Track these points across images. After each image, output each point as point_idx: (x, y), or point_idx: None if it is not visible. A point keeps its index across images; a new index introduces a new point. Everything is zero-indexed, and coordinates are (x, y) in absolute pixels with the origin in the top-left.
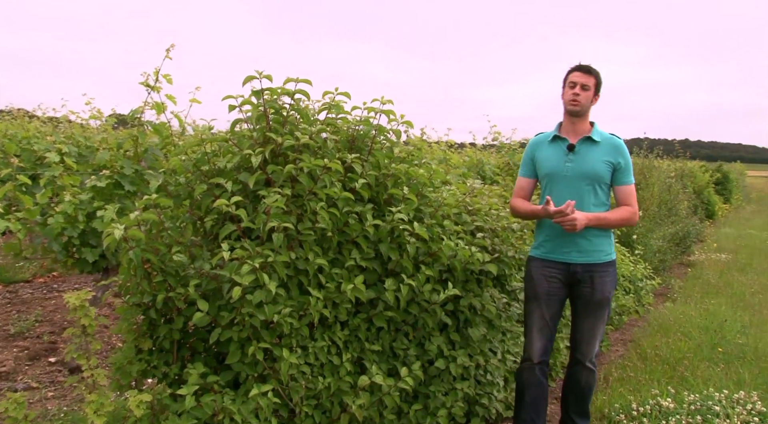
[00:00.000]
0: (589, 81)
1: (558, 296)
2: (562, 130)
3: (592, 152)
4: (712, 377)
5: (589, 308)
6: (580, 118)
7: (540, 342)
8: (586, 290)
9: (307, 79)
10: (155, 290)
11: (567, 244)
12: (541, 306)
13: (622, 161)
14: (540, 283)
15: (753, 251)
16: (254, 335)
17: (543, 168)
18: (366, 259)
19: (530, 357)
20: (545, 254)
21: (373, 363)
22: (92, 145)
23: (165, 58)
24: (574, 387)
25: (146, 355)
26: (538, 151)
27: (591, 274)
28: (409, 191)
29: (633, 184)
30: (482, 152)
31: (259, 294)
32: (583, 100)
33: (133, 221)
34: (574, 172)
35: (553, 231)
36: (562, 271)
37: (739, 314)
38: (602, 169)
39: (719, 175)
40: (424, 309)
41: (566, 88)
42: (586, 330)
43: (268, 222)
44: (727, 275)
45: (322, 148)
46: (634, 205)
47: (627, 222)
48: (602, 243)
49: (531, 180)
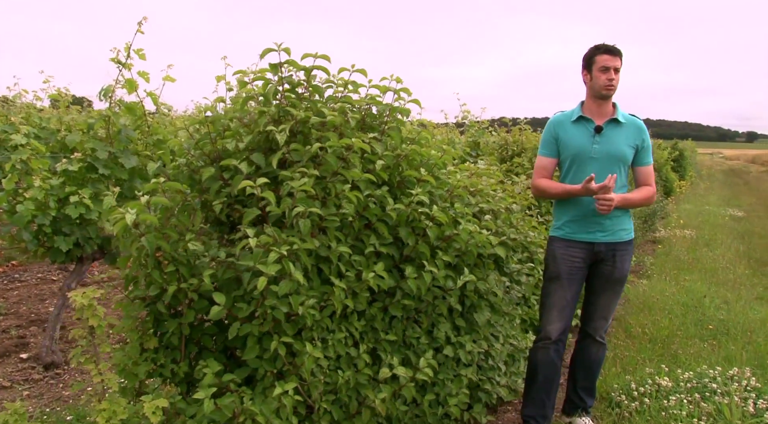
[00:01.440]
0: (618, 63)
1: (579, 276)
2: (586, 110)
3: (618, 134)
4: (702, 354)
5: (608, 285)
6: (606, 101)
7: (560, 323)
8: (608, 268)
9: (326, 55)
10: (167, 282)
11: (591, 224)
12: (563, 286)
13: (644, 142)
14: (563, 263)
15: (714, 227)
16: (275, 328)
17: (569, 149)
18: (384, 245)
19: (549, 336)
20: (569, 235)
21: (387, 354)
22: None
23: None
24: (583, 361)
25: (152, 353)
26: (562, 132)
27: (614, 252)
28: (426, 173)
29: (652, 165)
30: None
31: (284, 285)
32: (617, 83)
33: (143, 206)
34: (602, 154)
35: (578, 211)
36: (587, 250)
37: (714, 289)
38: (628, 151)
39: (676, 152)
40: (437, 296)
41: (596, 73)
42: (601, 306)
43: (294, 207)
44: (695, 251)
45: (342, 126)
46: (653, 185)
47: (648, 201)
48: (624, 221)
49: (553, 160)
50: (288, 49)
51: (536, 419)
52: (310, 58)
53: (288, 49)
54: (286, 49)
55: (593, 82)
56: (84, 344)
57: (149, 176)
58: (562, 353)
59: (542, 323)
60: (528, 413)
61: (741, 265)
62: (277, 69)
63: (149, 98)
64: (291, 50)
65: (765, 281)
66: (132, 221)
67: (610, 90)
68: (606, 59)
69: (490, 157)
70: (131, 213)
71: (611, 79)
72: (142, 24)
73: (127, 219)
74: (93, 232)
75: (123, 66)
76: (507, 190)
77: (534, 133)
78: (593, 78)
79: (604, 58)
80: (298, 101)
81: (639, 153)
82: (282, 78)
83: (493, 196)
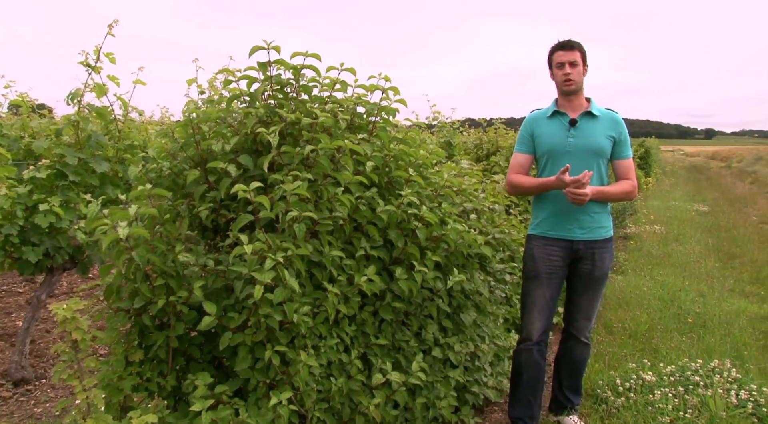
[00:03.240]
0: (574, 56)
1: (559, 274)
2: (560, 106)
3: (593, 127)
4: (682, 347)
5: (588, 284)
6: (576, 95)
7: (540, 322)
8: (587, 267)
9: (317, 53)
10: (156, 295)
11: (569, 220)
12: (542, 285)
13: (622, 135)
14: (542, 262)
15: (682, 222)
16: (269, 337)
17: (544, 144)
18: (374, 247)
19: (530, 337)
20: (547, 232)
21: (378, 358)
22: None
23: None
24: (568, 362)
25: (137, 367)
26: (537, 128)
27: (593, 250)
28: (415, 173)
29: (631, 158)
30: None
31: (279, 293)
32: (576, 77)
33: (132, 216)
34: (577, 148)
35: (555, 207)
36: (565, 248)
37: (687, 283)
38: (605, 143)
39: (643, 150)
40: (427, 297)
41: (555, 70)
42: (583, 306)
43: (288, 211)
44: (665, 246)
45: (334, 127)
46: (634, 179)
47: (627, 196)
48: (603, 219)
49: (529, 156)
50: (278, 48)
51: (524, 420)
52: (300, 57)
53: (278, 47)
54: (275, 48)
55: (555, 80)
56: (67, 359)
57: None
58: (545, 353)
59: (523, 323)
60: (516, 415)
61: (711, 258)
62: (265, 68)
63: (119, 102)
64: (281, 49)
65: (735, 273)
66: (125, 234)
67: (569, 85)
68: (560, 55)
69: (466, 157)
70: (122, 226)
71: (567, 74)
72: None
73: (120, 233)
74: (64, 241)
75: (92, 69)
76: (487, 190)
77: (510, 133)
78: (554, 75)
79: (558, 55)
80: (285, 102)
81: (616, 146)
82: (270, 77)
83: (477, 196)
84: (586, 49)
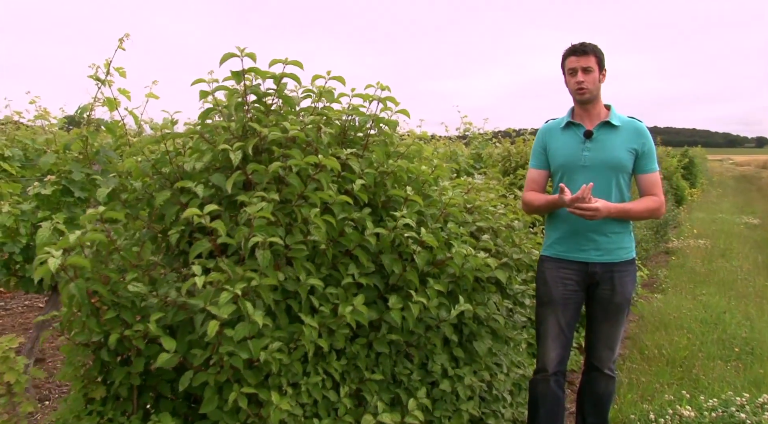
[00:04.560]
0: (588, 62)
1: (574, 300)
2: (575, 116)
3: (612, 139)
4: (726, 377)
5: (609, 311)
6: (592, 104)
7: (555, 351)
8: (606, 292)
9: (297, 60)
10: (108, 328)
11: (584, 241)
12: (556, 312)
13: (645, 147)
14: (555, 286)
15: (729, 236)
16: (235, 377)
17: (557, 158)
18: (365, 274)
19: (545, 367)
20: (560, 254)
21: (374, 395)
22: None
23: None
24: (591, 396)
25: (98, 405)
26: (551, 140)
27: (611, 274)
28: (413, 192)
29: (658, 172)
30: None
31: (241, 329)
32: (590, 84)
33: (75, 243)
34: (594, 162)
35: (569, 227)
36: (580, 272)
37: (733, 303)
38: (625, 157)
39: (686, 160)
40: (429, 327)
41: (567, 77)
42: (604, 335)
43: (252, 236)
44: (710, 262)
45: (315, 142)
46: (660, 195)
47: (652, 214)
48: (622, 239)
49: (543, 172)
50: (253, 55)
51: None
52: (279, 65)
53: (253, 54)
54: (250, 55)
55: (568, 87)
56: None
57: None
58: (564, 383)
59: (538, 353)
60: None
61: (761, 276)
62: (240, 77)
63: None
64: (257, 56)
65: None
66: (56, 266)
67: (582, 93)
68: (572, 61)
69: (493, 170)
70: (56, 256)
71: (580, 82)
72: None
73: (50, 265)
74: None
75: (102, 83)
76: (509, 206)
77: None
78: (567, 82)
79: (570, 61)
80: (263, 116)
81: (639, 159)
82: (247, 87)
83: (493, 213)
84: (629, 59)
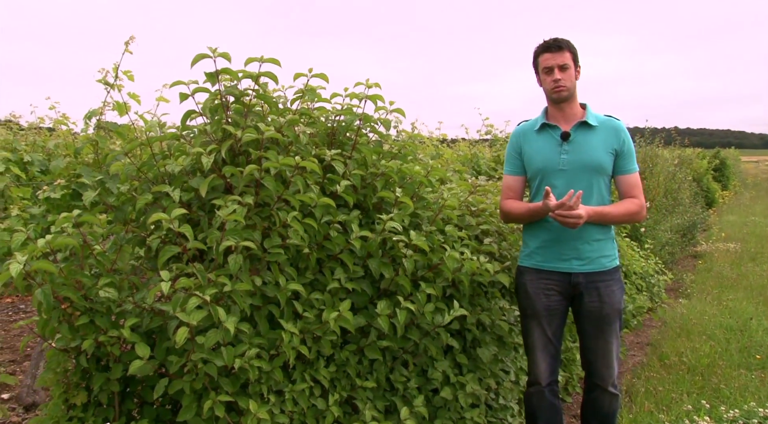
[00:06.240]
0: (564, 58)
1: (560, 309)
2: (550, 117)
3: (590, 139)
4: (749, 388)
5: (599, 324)
6: (568, 103)
7: (545, 362)
8: (593, 304)
9: (275, 58)
10: (82, 335)
11: (566, 250)
12: (541, 323)
13: (625, 146)
14: (537, 298)
15: (761, 239)
16: (212, 384)
17: (534, 163)
18: (353, 279)
19: (538, 380)
20: (540, 264)
21: (366, 402)
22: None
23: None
24: (596, 414)
25: (79, 411)
26: (526, 144)
27: (596, 284)
28: (402, 193)
29: (638, 173)
30: (476, 146)
31: (213, 335)
32: (567, 82)
33: (43, 248)
34: (572, 165)
35: (548, 235)
36: (562, 282)
37: (762, 310)
38: (604, 158)
39: (717, 161)
40: (425, 333)
41: (542, 76)
42: (600, 352)
43: (223, 240)
44: (739, 266)
45: (294, 143)
46: (641, 197)
47: (633, 218)
48: (605, 247)
49: (520, 177)
50: (227, 55)
51: None
52: (255, 64)
53: (227, 54)
54: (224, 55)
55: (543, 87)
56: None
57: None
58: (558, 391)
59: (529, 366)
60: None
61: None
62: (214, 79)
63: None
64: (231, 56)
65: None
66: (17, 272)
67: (559, 91)
68: (546, 59)
69: None
70: (18, 262)
71: (557, 80)
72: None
73: (11, 271)
74: None
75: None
76: None
77: None
78: (541, 81)
79: (544, 58)
80: (241, 118)
81: (619, 159)
82: (225, 88)
83: (497, 215)
84: (660, 59)
